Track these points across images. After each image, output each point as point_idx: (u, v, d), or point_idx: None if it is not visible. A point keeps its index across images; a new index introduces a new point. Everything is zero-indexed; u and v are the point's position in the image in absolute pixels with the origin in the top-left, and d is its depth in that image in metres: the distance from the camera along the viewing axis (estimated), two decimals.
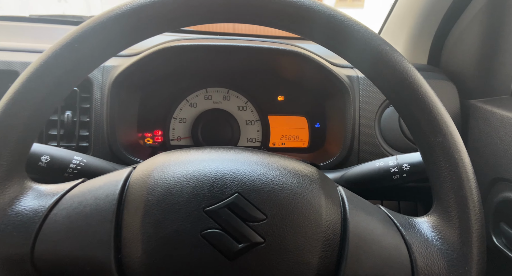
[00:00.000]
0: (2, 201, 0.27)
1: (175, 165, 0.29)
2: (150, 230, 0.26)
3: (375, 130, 0.52)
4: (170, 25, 0.30)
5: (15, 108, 0.28)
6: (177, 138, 0.60)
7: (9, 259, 0.27)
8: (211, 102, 0.61)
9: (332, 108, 0.56)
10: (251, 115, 0.61)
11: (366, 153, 0.51)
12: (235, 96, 0.61)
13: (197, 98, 0.60)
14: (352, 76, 0.53)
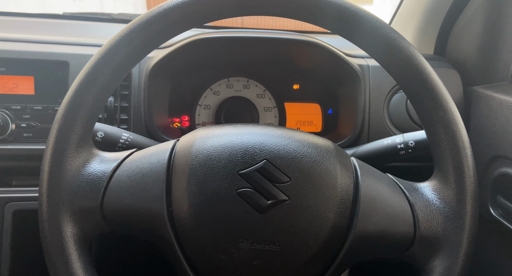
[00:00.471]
0: (76, 163, 0.34)
1: (213, 137, 0.35)
2: (194, 188, 0.32)
3: (384, 114, 0.57)
4: (215, 17, 0.35)
5: (85, 88, 0.34)
6: (202, 122, 0.66)
7: (83, 209, 0.33)
8: (233, 90, 0.66)
9: (344, 95, 0.61)
10: (268, 103, 0.67)
11: (375, 134, 0.57)
12: (254, 85, 0.66)
13: (220, 87, 0.66)
14: (363, 65, 0.58)
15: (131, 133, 0.48)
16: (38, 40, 0.57)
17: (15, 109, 0.54)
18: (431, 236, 0.33)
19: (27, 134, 0.55)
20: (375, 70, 0.59)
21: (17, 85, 0.55)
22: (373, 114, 0.57)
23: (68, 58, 0.54)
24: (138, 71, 0.56)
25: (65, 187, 0.33)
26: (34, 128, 0.55)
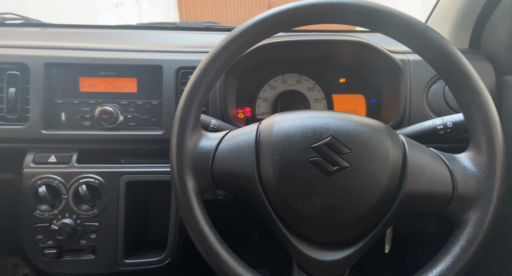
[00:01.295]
0: (193, 140, 0.47)
1: (289, 120, 0.47)
2: (277, 158, 0.44)
3: (423, 102, 0.66)
4: (297, 24, 0.45)
5: (197, 85, 0.47)
6: (262, 113, 0.78)
7: (199, 172, 0.46)
8: (287, 85, 0.78)
9: (387, 86, 0.70)
10: (318, 95, 0.77)
11: (415, 120, 0.66)
12: (305, 80, 0.77)
13: (276, 82, 0.78)
14: (404, 60, 0.67)
15: (217, 120, 0.61)
16: (137, 49, 0.72)
17: (123, 104, 0.70)
18: (467, 194, 0.42)
19: (132, 124, 0.70)
20: (414, 64, 0.68)
21: (124, 85, 0.70)
22: (413, 102, 0.66)
23: (162, 63, 0.69)
24: None
25: (187, 156, 0.46)
26: (137, 118, 0.70)
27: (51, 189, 0.66)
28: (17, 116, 0.66)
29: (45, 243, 0.66)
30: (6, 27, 0.97)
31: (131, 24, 1.05)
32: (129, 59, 0.69)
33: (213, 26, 1.04)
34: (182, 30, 1.01)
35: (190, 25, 1.06)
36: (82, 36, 0.95)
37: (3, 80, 0.65)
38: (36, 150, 0.68)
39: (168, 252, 0.68)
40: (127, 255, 0.68)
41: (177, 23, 1.08)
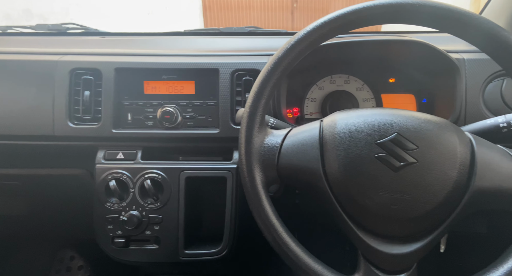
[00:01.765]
0: (260, 136, 0.50)
1: (352, 117, 0.49)
2: (342, 153, 0.46)
3: (480, 101, 0.66)
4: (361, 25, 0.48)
5: (263, 85, 0.50)
6: (310, 112, 0.81)
7: (266, 166, 0.49)
8: (335, 85, 0.80)
9: (442, 86, 0.71)
10: (367, 95, 0.79)
11: (471, 118, 0.65)
12: (354, 80, 0.79)
13: (324, 83, 0.80)
14: (460, 59, 0.67)
15: (274, 119, 0.64)
16: (196, 53, 0.77)
17: (182, 105, 0.75)
18: None
19: (190, 123, 0.75)
20: (469, 63, 0.67)
21: (183, 88, 0.75)
22: (469, 101, 0.66)
23: (218, 66, 0.73)
24: None
25: (255, 151, 0.49)
26: (194, 118, 0.75)
27: (120, 183, 0.72)
28: (90, 117, 0.73)
29: (115, 232, 0.72)
30: (68, 36, 1.07)
31: (179, 31, 1.12)
32: (188, 63, 0.74)
33: (255, 30, 1.08)
34: (226, 35, 1.05)
35: (234, 30, 1.10)
36: (136, 42, 1.03)
37: (79, 84, 0.73)
38: (105, 147, 0.75)
39: (224, 244, 0.72)
40: (186, 246, 0.72)
41: (221, 29, 1.13)
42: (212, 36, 1.06)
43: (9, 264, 1.14)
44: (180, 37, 1.06)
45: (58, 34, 1.06)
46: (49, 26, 1.08)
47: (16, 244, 1.15)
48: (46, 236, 1.12)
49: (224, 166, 0.73)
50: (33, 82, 0.72)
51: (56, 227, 0.97)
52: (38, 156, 0.79)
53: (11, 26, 1.08)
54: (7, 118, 0.72)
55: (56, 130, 0.72)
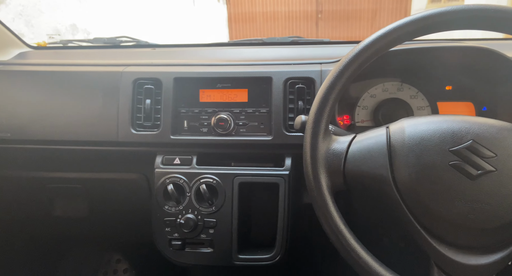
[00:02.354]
0: (326, 142, 0.51)
1: (422, 124, 0.48)
2: (413, 160, 0.46)
3: None
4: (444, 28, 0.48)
5: (330, 89, 0.51)
6: (361, 120, 0.81)
7: (332, 171, 0.50)
8: (388, 93, 0.79)
9: (505, 93, 0.68)
10: (421, 102, 0.77)
11: None
12: (407, 88, 0.78)
13: (376, 90, 0.80)
14: None
15: (332, 125, 0.65)
16: (249, 63, 0.80)
17: (235, 112, 0.78)
18: None
19: (243, 130, 0.77)
20: None
21: (237, 96, 0.78)
22: None
23: (272, 75, 0.75)
24: (320, 79, 0.74)
25: (321, 157, 0.50)
26: (247, 125, 0.77)
27: (177, 187, 0.75)
28: (151, 123, 0.77)
29: (172, 235, 0.75)
30: (121, 48, 1.14)
31: (224, 42, 1.16)
32: (242, 72, 0.77)
33: (298, 40, 1.10)
34: (268, 46, 1.08)
35: (277, 40, 1.13)
36: (183, 53, 1.08)
37: (141, 93, 0.78)
38: (163, 153, 0.79)
39: (277, 250, 0.73)
40: (240, 251, 0.74)
41: (264, 39, 1.16)
42: (255, 46, 1.10)
43: (61, 264, 1.21)
44: (225, 47, 1.10)
45: (112, 46, 1.14)
46: (105, 40, 1.16)
47: (69, 245, 1.22)
48: (97, 238, 1.17)
49: (276, 172, 0.74)
50: (100, 92, 0.78)
51: (107, 230, 1.02)
52: (99, 160, 0.85)
53: (71, 40, 1.18)
54: (76, 125, 0.77)
55: (120, 136, 0.77)
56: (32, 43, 1.10)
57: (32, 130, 0.77)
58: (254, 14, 6.45)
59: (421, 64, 0.75)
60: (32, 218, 0.96)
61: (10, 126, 0.77)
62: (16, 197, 0.91)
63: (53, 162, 0.85)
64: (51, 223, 0.97)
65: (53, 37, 1.11)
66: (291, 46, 1.06)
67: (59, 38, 1.15)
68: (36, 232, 1.05)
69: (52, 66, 0.82)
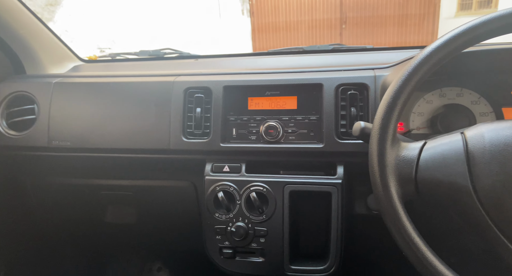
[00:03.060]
0: (395, 149, 0.49)
1: (504, 129, 0.45)
2: (496, 168, 0.42)
3: None
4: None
5: (397, 94, 0.48)
6: (417, 127, 0.77)
7: (402, 179, 0.47)
8: (446, 99, 0.75)
9: None
10: (484, 108, 0.73)
11: None
12: (468, 93, 0.74)
13: (433, 96, 0.76)
14: None
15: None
16: (299, 70, 0.79)
17: (284, 120, 0.77)
18: None
19: (292, 137, 0.76)
20: None
21: (285, 103, 0.78)
22: None
23: (322, 81, 0.74)
24: (374, 87, 0.71)
25: (389, 164, 0.48)
26: (296, 133, 0.76)
27: (227, 195, 0.75)
28: (201, 131, 0.79)
29: (223, 243, 0.75)
30: (165, 60, 1.18)
31: (263, 51, 1.17)
32: (292, 79, 0.76)
33: (340, 47, 1.08)
34: (308, 54, 1.07)
35: (317, 48, 1.12)
36: (224, 63, 1.10)
37: (191, 102, 0.79)
38: (212, 160, 0.79)
39: (331, 261, 0.70)
40: (291, 261, 0.72)
41: (304, 47, 1.15)
42: (295, 55, 1.09)
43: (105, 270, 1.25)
44: (264, 57, 1.11)
45: (157, 58, 1.18)
46: (150, 52, 1.21)
47: (113, 251, 1.26)
48: (141, 245, 1.20)
49: (328, 180, 0.72)
50: (153, 101, 0.80)
51: (152, 237, 1.05)
52: (150, 168, 0.87)
53: (119, 53, 1.24)
54: (131, 134, 0.80)
55: (171, 144, 0.78)
56: (84, 57, 1.17)
57: (90, 139, 0.81)
58: (277, 24, 6.51)
59: (483, 67, 0.71)
60: (85, 224, 1.00)
61: (70, 135, 0.81)
62: (73, 203, 0.95)
63: (107, 169, 0.89)
64: (101, 228, 1.01)
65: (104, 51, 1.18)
66: (332, 54, 1.04)
67: (108, 52, 1.21)
68: (86, 237, 1.09)
69: (108, 77, 0.86)
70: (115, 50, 1.20)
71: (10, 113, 0.84)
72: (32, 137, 0.81)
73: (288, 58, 1.06)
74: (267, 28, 6.60)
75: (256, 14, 6.52)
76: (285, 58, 1.06)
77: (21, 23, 0.87)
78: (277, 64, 1.02)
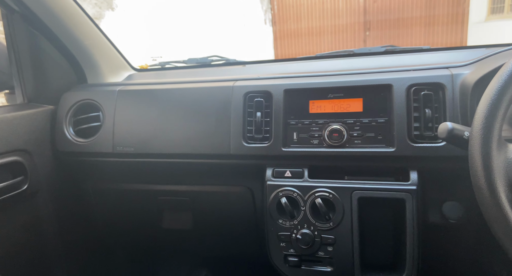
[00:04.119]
0: (504, 152, 0.44)
1: None
2: None
3: None
4: None
5: (503, 90, 0.44)
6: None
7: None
8: None
9: None
10: None
11: None
12: None
13: None
14: None
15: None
16: (366, 71, 0.77)
17: (348, 123, 0.74)
18: None
19: (357, 141, 0.73)
20: None
21: (350, 105, 0.75)
22: None
23: (392, 82, 0.70)
24: (452, 88, 0.67)
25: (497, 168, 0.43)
26: (362, 137, 0.73)
27: (290, 201, 0.73)
28: (261, 136, 0.78)
29: (288, 250, 0.72)
30: (212, 67, 1.20)
31: (311, 56, 1.15)
32: (357, 80, 0.73)
33: (393, 49, 1.04)
34: (359, 56, 1.04)
35: (368, 50, 1.08)
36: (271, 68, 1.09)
37: (251, 107, 0.79)
38: (273, 165, 0.78)
39: (407, 273, 0.66)
40: (363, 272, 0.68)
41: (354, 50, 1.12)
42: (345, 58, 1.06)
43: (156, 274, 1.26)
44: (312, 61, 1.09)
45: (204, 66, 1.20)
46: (198, 60, 1.23)
47: (163, 257, 1.27)
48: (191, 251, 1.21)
49: (402, 187, 0.68)
50: (213, 106, 0.81)
51: (205, 243, 1.04)
52: (207, 173, 0.87)
53: (169, 62, 1.27)
54: (192, 139, 0.81)
55: (232, 149, 0.78)
56: (136, 66, 1.21)
57: (153, 144, 0.82)
58: (299, 30, 6.50)
59: None
60: (141, 228, 1.02)
61: (134, 141, 0.83)
62: (130, 208, 0.97)
63: (165, 175, 0.90)
64: (156, 233, 1.02)
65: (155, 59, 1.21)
66: (385, 56, 1.00)
67: (159, 61, 1.24)
68: (141, 241, 1.11)
69: (168, 84, 0.88)
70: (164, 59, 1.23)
71: (77, 121, 0.88)
72: (98, 143, 0.84)
73: (336, 62, 1.03)
74: (289, 35, 6.61)
75: (278, 23, 6.57)
76: (333, 61, 1.04)
77: (86, 34, 0.92)
78: (326, 67, 0.99)
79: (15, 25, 0.83)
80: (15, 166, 0.79)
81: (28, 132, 0.82)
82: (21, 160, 0.80)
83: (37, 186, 0.84)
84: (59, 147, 0.88)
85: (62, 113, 0.88)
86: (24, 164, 0.80)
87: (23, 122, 0.82)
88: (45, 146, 0.87)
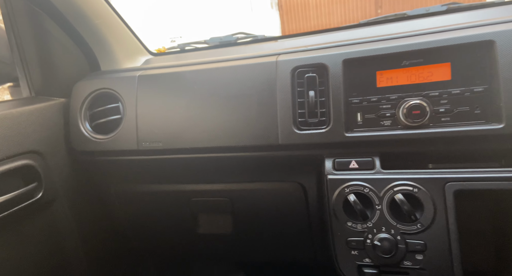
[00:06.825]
0: None
1: None
2: None
3: None
4: None
5: None
6: None
7: None
8: None
9: None
10: None
11: None
12: None
13: None
14: None
15: None
16: (452, 27, 0.60)
17: (432, 96, 0.58)
18: None
19: (445, 119, 0.57)
20: None
21: (432, 74, 0.58)
22: None
23: (493, 37, 0.53)
24: None
25: None
26: (452, 112, 0.57)
27: (361, 198, 0.58)
28: (317, 120, 0.62)
29: (362, 260, 0.58)
30: (239, 46, 1.04)
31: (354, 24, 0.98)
32: (443, 40, 0.56)
33: (457, 6, 0.85)
34: (415, 18, 0.86)
35: (426, 10, 0.90)
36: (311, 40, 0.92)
37: (302, 85, 0.63)
38: (333, 155, 0.63)
39: None
40: None
41: (408, 12, 0.94)
42: (397, 22, 0.88)
43: None
44: (355, 29, 0.92)
45: (229, 44, 1.04)
46: (221, 38, 1.08)
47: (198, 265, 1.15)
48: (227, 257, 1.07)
49: None
50: (253, 88, 0.66)
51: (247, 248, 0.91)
52: (247, 169, 0.73)
53: (188, 43, 1.13)
54: (229, 129, 0.66)
55: (281, 139, 0.63)
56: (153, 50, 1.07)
57: (184, 138, 0.68)
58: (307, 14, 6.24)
59: None
60: (172, 234, 0.90)
61: (161, 135, 0.70)
62: (158, 212, 0.85)
63: (199, 173, 0.76)
64: (190, 240, 0.89)
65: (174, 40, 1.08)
66: (448, 15, 0.82)
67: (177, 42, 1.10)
68: (172, 249, 0.99)
69: (196, 65, 0.73)
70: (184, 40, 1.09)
71: (94, 115, 0.75)
72: (119, 140, 0.71)
73: (388, 26, 0.85)
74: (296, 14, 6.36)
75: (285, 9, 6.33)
76: (383, 27, 0.86)
77: (96, 12, 0.78)
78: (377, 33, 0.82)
79: (13, 2, 0.70)
80: (27, 171, 0.67)
81: (38, 131, 0.70)
82: (32, 163, 0.68)
83: (54, 193, 0.73)
84: (75, 145, 0.75)
85: (75, 107, 0.75)
86: (37, 167, 0.68)
87: (32, 119, 0.69)
88: (59, 146, 0.75)
